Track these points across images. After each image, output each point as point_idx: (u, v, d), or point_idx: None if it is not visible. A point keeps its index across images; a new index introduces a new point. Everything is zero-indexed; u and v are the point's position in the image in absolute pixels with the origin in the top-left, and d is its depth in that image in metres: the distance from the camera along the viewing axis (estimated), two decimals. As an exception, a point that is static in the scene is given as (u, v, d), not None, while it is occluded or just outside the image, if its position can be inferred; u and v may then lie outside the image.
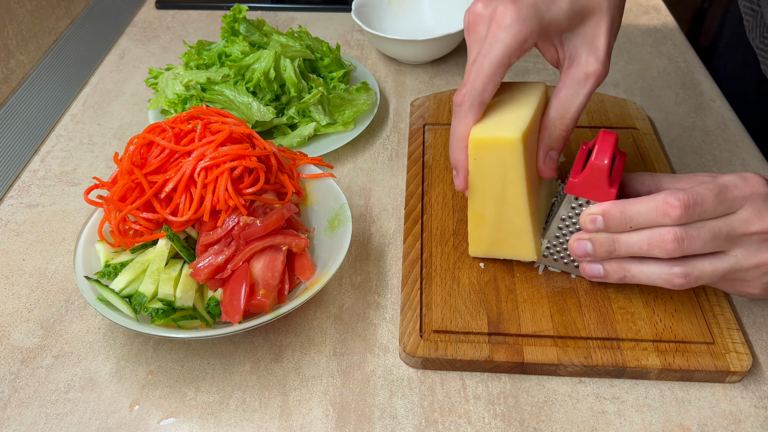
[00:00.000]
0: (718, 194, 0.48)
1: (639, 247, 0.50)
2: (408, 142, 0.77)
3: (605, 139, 0.52)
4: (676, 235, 0.48)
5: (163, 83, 0.79)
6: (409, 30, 0.98)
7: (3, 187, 0.74)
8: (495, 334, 0.56)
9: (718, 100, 0.87)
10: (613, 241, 0.51)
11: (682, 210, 0.47)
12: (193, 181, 0.57)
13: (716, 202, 0.48)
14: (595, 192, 0.52)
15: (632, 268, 0.52)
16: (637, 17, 1.06)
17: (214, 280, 0.55)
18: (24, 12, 0.87)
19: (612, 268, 0.53)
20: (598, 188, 0.52)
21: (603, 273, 0.53)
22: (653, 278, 0.51)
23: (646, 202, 0.49)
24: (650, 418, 0.52)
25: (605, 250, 0.52)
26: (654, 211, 0.48)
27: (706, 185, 0.49)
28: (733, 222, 0.49)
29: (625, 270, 0.52)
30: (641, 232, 0.50)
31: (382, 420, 0.52)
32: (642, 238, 0.49)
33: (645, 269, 0.51)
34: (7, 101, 0.82)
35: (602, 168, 0.52)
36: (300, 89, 0.77)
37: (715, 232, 0.48)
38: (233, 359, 0.57)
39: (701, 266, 0.50)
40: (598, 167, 0.52)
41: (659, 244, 0.49)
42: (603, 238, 0.51)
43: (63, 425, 0.52)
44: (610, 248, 0.51)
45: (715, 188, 0.48)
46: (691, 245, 0.48)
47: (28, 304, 0.61)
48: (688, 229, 0.48)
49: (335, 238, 0.60)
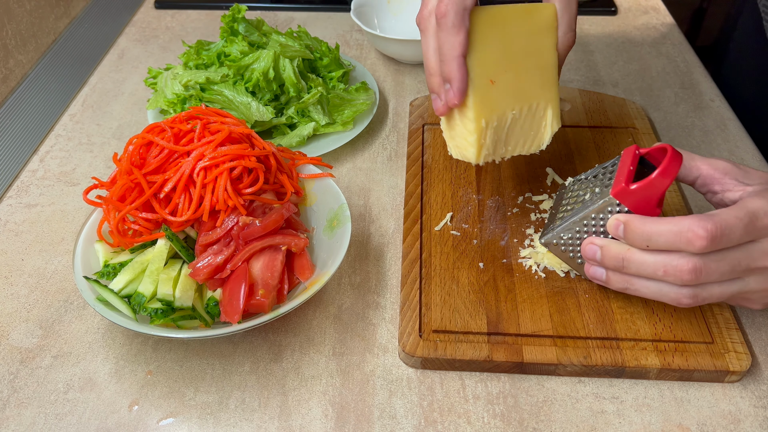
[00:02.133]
0: (748, 225, 0.46)
1: (653, 271, 0.48)
2: (407, 142, 0.77)
3: (674, 160, 0.49)
4: (695, 267, 0.46)
5: (162, 83, 0.79)
6: (409, 30, 0.98)
7: (2, 187, 0.74)
8: (494, 333, 0.56)
9: (717, 99, 0.87)
10: (622, 260, 0.49)
11: (707, 242, 0.45)
12: (192, 181, 0.57)
13: (743, 233, 0.46)
14: (641, 206, 0.50)
15: (637, 282, 0.50)
16: (637, 17, 1.06)
17: (213, 280, 0.55)
18: (23, 12, 0.86)
19: (615, 278, 0.51)
20: (646, 204, 0.50)
21: (605, 278, 0.52)
22: (658, 295, 0.50)
23: (671, 224, 0.46)
24: (649, 417, 0.52)
25: (614, 265, 0.50)
26: (677, 236, 0.46)
27: (735, 213, 0.46)
28: (754, 253, 0.47)
29: (629, 282, 0.51)
30: (657, 256, 0.48)
31: (382, 420, 0.52)
32: (657, 263, 0.48)
33: (651, 285, 0.50)
34: (6, 101, 0.82)
35: (662, 187, 0.49)
36: (299, 89, 0.77)
37: (734, 264, 0.47)
38: (232, 359, 0.57)
39: (711, 289, 0.48)
40: (658, 186, 0.49)
41: (675, 273, 0.47)
42: (614, 252, 0.50)
43: (62, 425, 0.52)
44: (618, 265, 0.50)
45: (745, 218, 0.46)
46: (708, 277, 0.47)
47: (27, 304, 0.61)
48: (708, 261, 0.46)
49: (334, 238, 0.60)
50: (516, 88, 0.55)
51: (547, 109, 0.57)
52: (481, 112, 0.54)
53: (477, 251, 0.63)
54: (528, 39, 0.55)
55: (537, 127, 0.58)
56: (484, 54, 0.53)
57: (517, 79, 0.55)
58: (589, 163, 0.73)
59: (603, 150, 0.75)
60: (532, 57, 0.56)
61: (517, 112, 0.56)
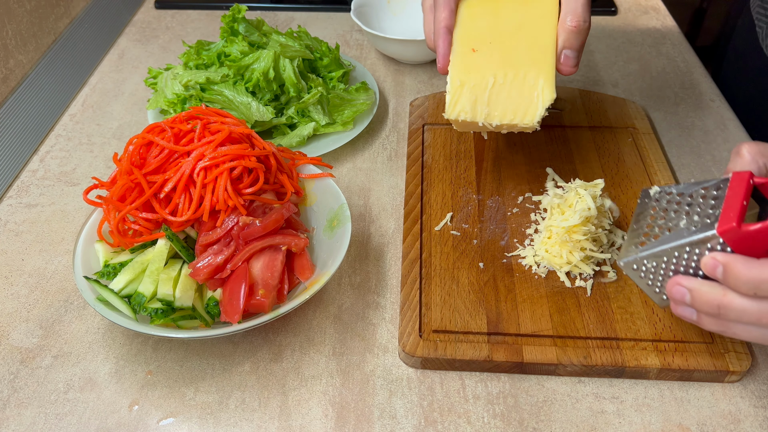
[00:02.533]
0: None
1: (757, 319, 0.42)
2: (407, 142, 0.78)
3: None
4: None
5: (162, 83, 0.79)
6: (409, 30, 0.98)
7: (2, 187, 0.74)
8: (494, 333, 0.56)
9: (717, 99, 0.87)
10: (718, 307, 0.44)
11: None
12: (192, 181, 0.57)
13: None
14: (749, 248, 0.43)
15: (735, 327, 0.44)
16: (637, 17, 1.06)
17: (213, 280, 0.55)
18: (23, 12, 0.87)
19: (709, 321, 0.46)
20: (756, 249, 0.42)
21: (696, 319, 0.46)
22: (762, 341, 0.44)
23: None
24: (649, 417, 0.52)
25: (708, 311, 0.45)
26: None
27: None
28: None
29: (726, 327, 0.45)
30: (762, 303, 0.42)
31: (382, 420, 0.52)
32: (763, 310, 0.42)
33: (753, 331, 0.44)
34: (6, 101, 0.82)
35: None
36: (299, 89, 0.77)
37: None
38: (232, 359, 0.57)
39: None
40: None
41: None
42: (709, 299, 0.44)
43: (62, 425, 0.52)
44: (713, 312, 0.44)
45: None
46: None
47: (27, 304, 0.61)
48: None
49: (334, 238, 0.60)
50: (501, 56, 0.60)
51: (538, 79, 0.58)
52: (456, 74, 0.60)
53: (477, 251, 0.63)
54: (523, 16, 0.61)
55: (528, 96, 0.59)
56: (469, 27, 0.61)
57: (502, 48, 0.60)
58: (589, 163, 0.73)
59: (603, 150, 0.75)
60: (526, 32, 0.60)
61: (500, 78, 0.59)
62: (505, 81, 0.59)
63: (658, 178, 0.71)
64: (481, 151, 0.75)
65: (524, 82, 0.59)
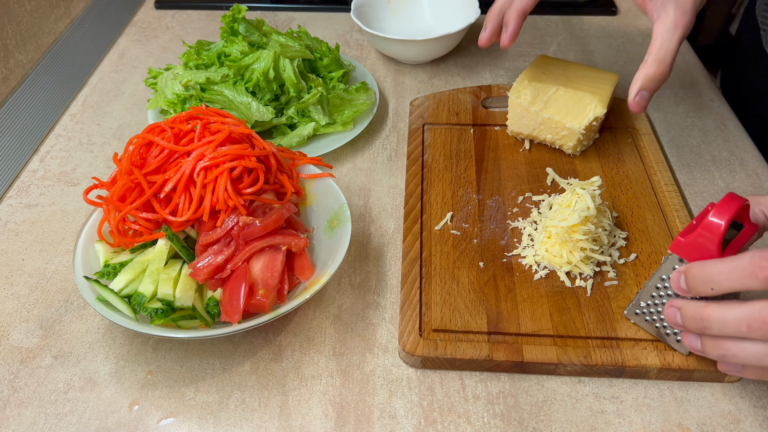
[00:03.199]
0: None
1: (737, 328, 0.43)
2: (407, 142, 0.78)
3: (729, 201, 0.46)
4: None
5: (162, 83, 0.79)
6: (409, 30, 0.98)
7: (2, 187, 0.74)
8: (494, 333, 0.56)
9: (717, 99, 0.87)
10: (702, 320, 0.45)
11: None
12: (192, 181, 0.57)
13: None
14: (703, 257, 0.46)
15: (732, 346, 0.44)
16: (637, 17, 1.06)
17: (213, 280, 0.55)
18: (23, 12, 0.87)
19: (709, 345, 0.46)
20: (707, 252, 0.46)
21: (700, 348, 0.47)
22: (761, 359, 0.43)
23: (729, 261, 0.43)
24: (649, 417, 0.52)
25: (694, 326, 0.46)
26: (739, 271, 0.42)
27: None
28: None
29: (722, 347, 0.45)
30: (735, 310, 0.43)
31: (382, 420, 0.52)
32: (739, 318, 0.42)
33: (749, 348, 0.43)
34: (6, 101, 0.82)
35: (715, 229, 0.45)
36: (299, 89, 0.77)
37: None
38: (233, 359, 0.57)
39: None
40: (711, 227, 0.45)
41: (760, 325, 0.41)
42: (692, 312, 0.45)
43: (62, 425, 0.52)
44: (699, 326, 0.45)
45: None
46: None
47: (28, 304, 0.61)
48: None
49: (334, 237, 0.60)
50: (566, 80, 0.74)
51: (594, 99, 0.71)
52: (525, 76, 0.75)
53: (477, 251, 0.63)
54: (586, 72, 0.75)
55: (582, 107, 0.71)
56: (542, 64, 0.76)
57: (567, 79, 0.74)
58: (589, 163, 0.73)
59: (603, 150, 0.75)
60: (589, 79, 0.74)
61: (562, 91, 0.72)
62: (566, 94, 0.72)
63: (657, 178, 0.71)
64: (481, 151, 0.75)
65: (581, 99, 0.71)
